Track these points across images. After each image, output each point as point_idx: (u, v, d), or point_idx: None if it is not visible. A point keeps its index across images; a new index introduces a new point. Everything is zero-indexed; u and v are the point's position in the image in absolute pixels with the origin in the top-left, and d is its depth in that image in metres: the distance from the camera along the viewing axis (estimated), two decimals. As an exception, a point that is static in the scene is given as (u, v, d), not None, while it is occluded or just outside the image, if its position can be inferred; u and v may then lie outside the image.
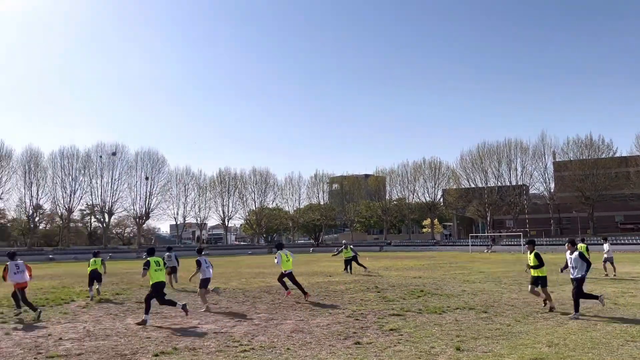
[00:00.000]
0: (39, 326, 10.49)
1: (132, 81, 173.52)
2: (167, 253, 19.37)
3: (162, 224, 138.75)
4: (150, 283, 10.99)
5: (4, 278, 12.18)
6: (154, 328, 9.95)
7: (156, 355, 7.58)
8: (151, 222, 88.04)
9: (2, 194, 68.58)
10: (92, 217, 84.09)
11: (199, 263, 12.70)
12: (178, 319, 11.02)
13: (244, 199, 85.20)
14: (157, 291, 10.91)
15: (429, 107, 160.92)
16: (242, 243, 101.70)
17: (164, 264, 12.26)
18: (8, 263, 12.07)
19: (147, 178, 76.58)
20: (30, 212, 72.07)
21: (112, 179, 75.38)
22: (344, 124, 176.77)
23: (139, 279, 21.93)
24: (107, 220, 77.28)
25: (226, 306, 13.16)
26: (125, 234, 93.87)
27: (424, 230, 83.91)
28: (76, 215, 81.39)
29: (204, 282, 12.70)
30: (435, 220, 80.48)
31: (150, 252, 11.57)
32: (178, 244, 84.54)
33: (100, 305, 13.70)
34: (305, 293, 13.85)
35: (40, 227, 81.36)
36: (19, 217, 78.11)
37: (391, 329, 9.33)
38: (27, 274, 12.26)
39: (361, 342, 8.28)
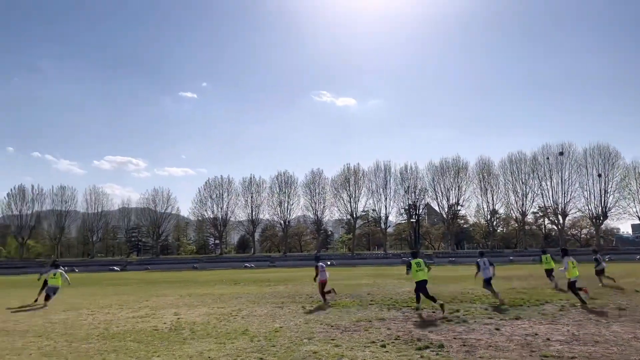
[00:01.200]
0: (523, 325, 11.16)
1: (573, 78, 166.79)
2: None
3: (622, 224, 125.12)
4: (414, 281, 13.83)
5: (315, 277, 16.29)
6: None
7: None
8: (610, 222, 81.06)
9: (463, 201, 79.00)
10: (546, 219, 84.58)
11: (477, 264, 15.42)
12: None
13: None
14: (419, 288, 13.69)
15: None
16: None
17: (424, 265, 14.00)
18: (318, 264, 16.18)
19: (599, 175, 71.79)
20: (488, 216, 79.29)
21: (561, 179, 74.33)
22: None
23: (606, 283, 20.41)
24: (561, 221, 76.25)
25: None
26: (582, 236, 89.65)
27: None
28: (530, 217, 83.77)
29: (484, 282, 15.23)
30: None
31: (413, 255, 14.47)
32: (647, 245, 74.53)
33: (577, 309, 13.48)
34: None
35: (498, 230, 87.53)
36: (478, 221, 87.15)
37: None
38: (327, 273, 16.51)
39: None
